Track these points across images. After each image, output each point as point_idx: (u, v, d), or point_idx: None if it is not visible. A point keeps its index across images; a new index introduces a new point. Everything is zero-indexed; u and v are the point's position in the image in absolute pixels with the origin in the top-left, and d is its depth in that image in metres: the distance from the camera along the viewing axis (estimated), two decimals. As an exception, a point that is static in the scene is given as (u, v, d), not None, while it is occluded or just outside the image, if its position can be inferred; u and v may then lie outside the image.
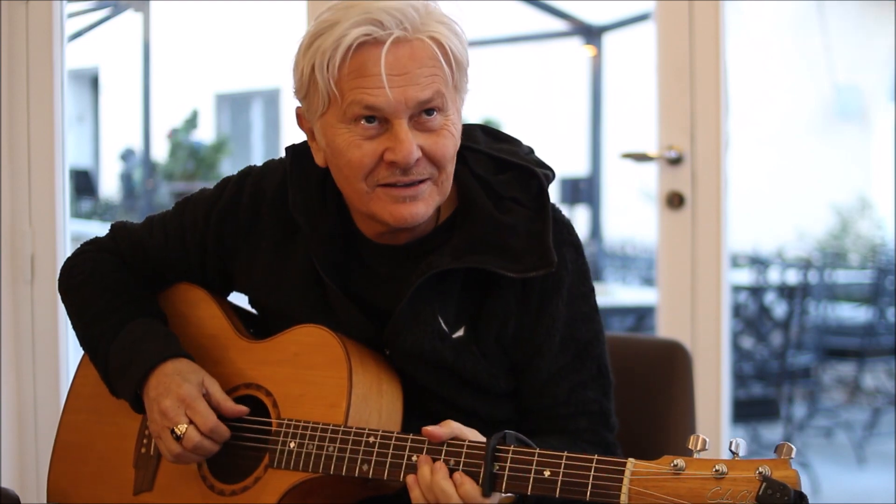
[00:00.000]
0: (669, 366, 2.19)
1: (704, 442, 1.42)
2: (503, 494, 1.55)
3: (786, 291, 6.25)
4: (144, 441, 1.85)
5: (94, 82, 16.50)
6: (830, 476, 5.56)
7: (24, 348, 3.33)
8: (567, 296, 1.74)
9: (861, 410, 6.77)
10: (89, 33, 11.30)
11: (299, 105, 1.71)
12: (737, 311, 6.04)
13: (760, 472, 1.36)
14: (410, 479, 1.57)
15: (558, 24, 10.67)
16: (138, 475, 1.83)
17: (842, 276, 8.05)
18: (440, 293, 1.71)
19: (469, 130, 1.81)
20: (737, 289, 6.19)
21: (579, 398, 1.76)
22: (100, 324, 1.83)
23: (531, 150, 1.83)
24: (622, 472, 1.43)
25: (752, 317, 6.15)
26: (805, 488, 5.82)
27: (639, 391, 2.17)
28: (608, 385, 1.80)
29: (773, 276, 6.87)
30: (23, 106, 3.32)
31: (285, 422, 1.69)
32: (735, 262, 7.69)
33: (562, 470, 1.48)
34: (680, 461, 1.41)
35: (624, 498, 1.42)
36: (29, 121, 3.33)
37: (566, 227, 1.77)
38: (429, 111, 1.61)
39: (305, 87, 1.65)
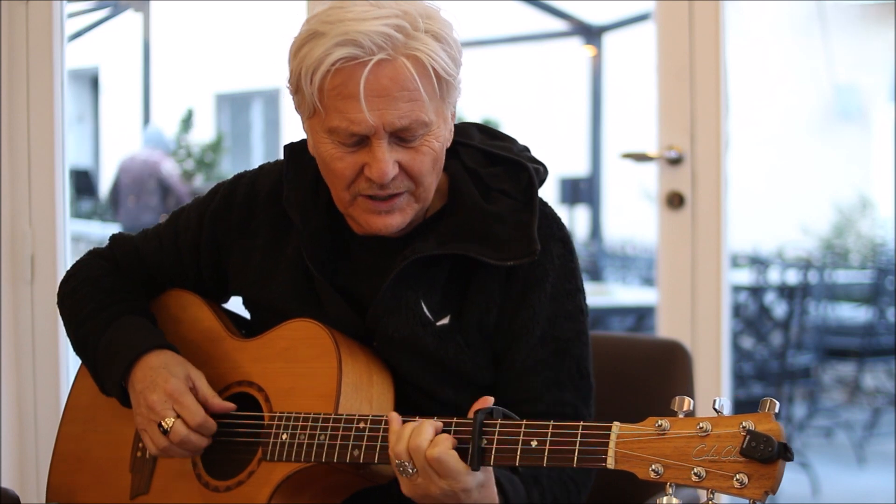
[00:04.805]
0: (669, 366, 2.19)
1: (690, 403, 1.43)
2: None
3: (786, 291, 6.24)
4: (140, 445, 1.85)
5: (94, 82, 16.48)
6: (830, 476, 5.56)
7: (24, 348, 3.33)
8: (551, 290, 1.74)
9: (861, 410, 6.77)
10: (89, 33, 11.31)
11: None
12: (737, 311, 6.03)
13: (744, 427, 1.37)
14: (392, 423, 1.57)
15: (558, 24, 10.68)
16: (135, 479, 1.83)
17: (842, 276, 8.04)
18: (425, 280, 1.72)
19: (464, 128, 1.83)
20: (737, 289, 6.18)
21: (554, 398, 1.74)
22: (90, 322, 1.85)
23: (526, 148, 1.83)
24: (608, 437, 1.44)
25: (752, 317, 6.14)
26: (805, 488, 5.74)
27: (639, 391, 2.17)
28: (588, 389, 1.78)
29: (773, 276, 6.86)
30: (23, 106, 3.32)
31: (277, 414, 1.70)
32: (735, 262, 7.69)
33: (549, 438, 1.48)
34: (664, 421, 1.42)
35: (610, 461, 1.43)
36: (29, 121, 3.33)
37: (555, 222, 1.78)
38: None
39: (295, 86, 1.67)
